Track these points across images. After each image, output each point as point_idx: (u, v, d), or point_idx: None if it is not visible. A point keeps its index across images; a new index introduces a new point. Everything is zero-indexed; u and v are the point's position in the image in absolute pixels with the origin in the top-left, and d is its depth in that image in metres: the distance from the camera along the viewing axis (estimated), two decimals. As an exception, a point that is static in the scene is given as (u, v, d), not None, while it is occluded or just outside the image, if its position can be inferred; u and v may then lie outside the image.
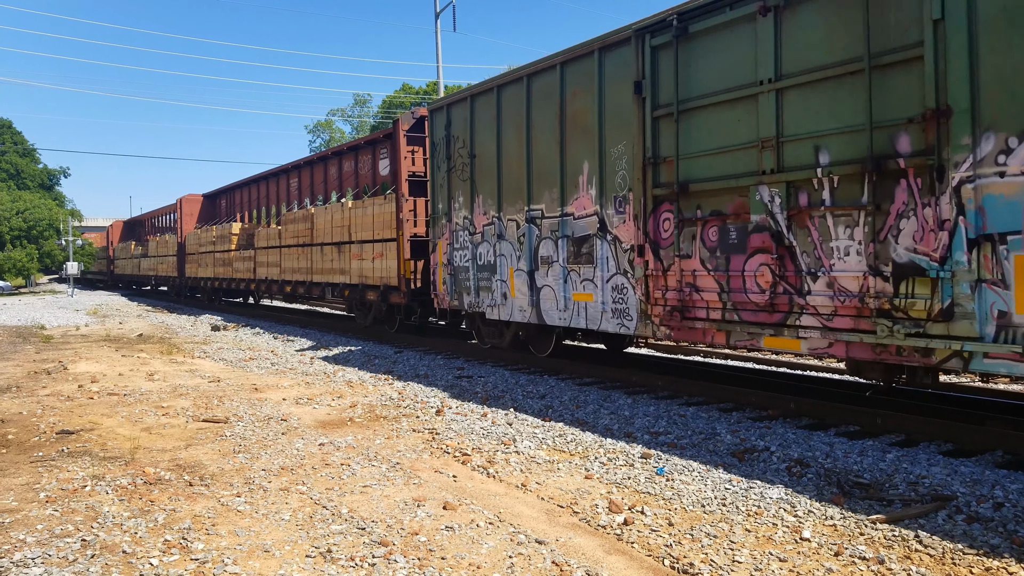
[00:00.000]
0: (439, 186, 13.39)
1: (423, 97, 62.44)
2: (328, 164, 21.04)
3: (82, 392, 10.63)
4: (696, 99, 8.50)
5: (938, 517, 5.19)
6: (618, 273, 9.57)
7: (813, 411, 8.22)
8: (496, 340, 12.90)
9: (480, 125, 12.23)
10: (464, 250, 12.70)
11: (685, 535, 5.01)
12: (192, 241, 30.62)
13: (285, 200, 23.98)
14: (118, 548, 4.88)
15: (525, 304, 11.21)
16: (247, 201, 27.85)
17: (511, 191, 11.51)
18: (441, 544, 4.90)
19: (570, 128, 10.33)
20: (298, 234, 20.64)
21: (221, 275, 27.24)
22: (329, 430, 8.20)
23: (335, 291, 18.87)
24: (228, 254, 26.27)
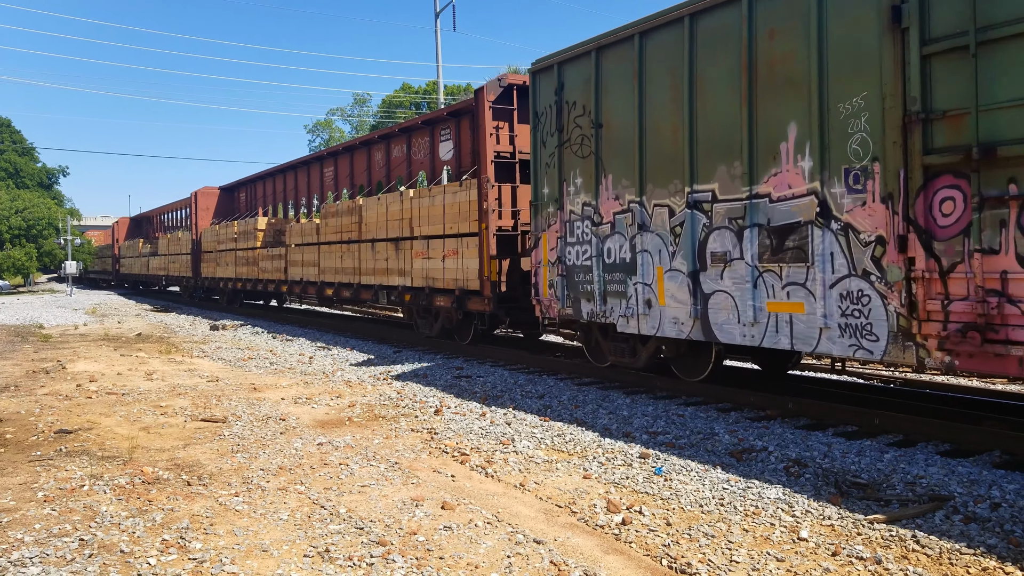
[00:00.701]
0: (544, 166, 11.00)
1: (423, 97, 62.43)
2: (373, 149, 18.76)
3: (80, 391, 10.62)
4: (1010, 23, 6.04)
5: (935, 517, 5.19)
6: (851, 275, 7.10)
7: (811, 411, 8.22)
8: (624, 358, 10.42)
9: (610, 85, 9.77)
10: (583, 245, 10.28)
11: (683, 535, 5.02)
12: (209, 238, 28.18)
13: (319, 192, 21.93)
14: (116, 548, 4.88)
15: (682, 315, 8.74)
16: (271, 194, 25.72)
17: (660, 168, 9.04)
18: (439, 544, 4.90)
19: (764, 80, 7.88)
20: (342, 229, 18.15)
21: (244, 275, 24.71)
22: (328, 430, 8.20)
23: (391, 295, 16.14)
24: (253, 252, 23.78)
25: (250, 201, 27.99)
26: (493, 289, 12.63)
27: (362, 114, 72.09)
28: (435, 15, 35.52)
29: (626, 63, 9.54)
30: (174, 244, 33.24)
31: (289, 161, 24.00)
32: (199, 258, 29.49)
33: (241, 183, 28.75)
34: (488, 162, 12.97)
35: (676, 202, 8.90)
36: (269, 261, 22.62)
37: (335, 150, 20.79)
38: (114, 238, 47.72)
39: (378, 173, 18.44)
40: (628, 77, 9.48)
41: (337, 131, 73.12)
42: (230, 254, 25.77)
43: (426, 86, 62.67)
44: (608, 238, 9.89)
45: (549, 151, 10.90)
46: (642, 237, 9.37)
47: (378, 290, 16.70)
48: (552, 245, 10.90)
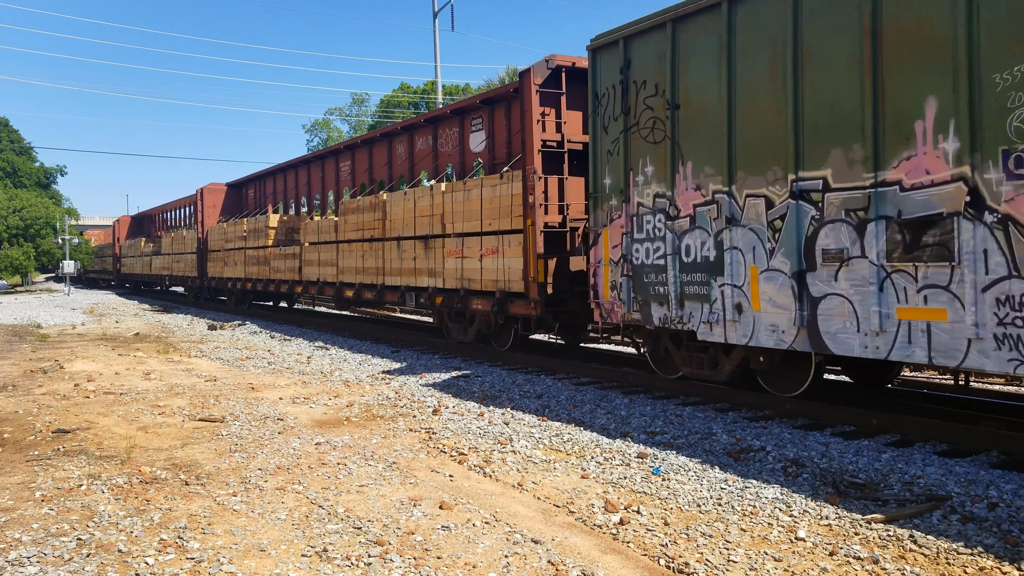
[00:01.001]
0: (605, 154, 9.87)
1: (421, 97, 62.39)
2: (394, 142, 17.60)
3: (78, 391, 10.62)
4: None
5: (933, 517, 5.20)
6: (1012, 277, 6.06)
7: (809, 411, 8.23)
8: (703, 370, 9.25)
9: (690, 61, 8.68)
10: (654, 242, 9.14)
11: (681, 535, 5.02)
12: (216, 236, 26.84)
13: (334, 188, 20.76)
14: (114, 547, 4.88)
15: (783, 321, 7.65)
16: (282, 190, 24.40)
17: (755, 153, 7.96)
18: (437, 543, 4.90)
19: (892, 48, 6.81)
20: (363, 226, 16.86)
21: (254, 275, 23.35)
22: (326, 429, 8.20)
23: (420, 297, 14.78)
24: (264, 251, 22.48)
25: (259, 198, 26.67)
26: (540, 291, 11.45)
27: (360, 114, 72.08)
28: (433, 15, 35.52)
29: (711, 35, 8.43)
30: (178, 243, 31.93)
31: (302, 156, 22.81)
32: (205, 257, 28.20)
33: (250, 179, 27.49)
34: (535, 152, 11.75)
35: (776, 191, 7.76)
36: (282, 260, 21.38)
37: (352, 143, 19.65)
38: (115, 237, 46.21)
39: (400, 167, 17.34)
40: (714, 50, 8.36)
41: (335, 131, 73.10)
42: (239, 253, 24.51)
43: (424, 86, 62.65)
44: (687, 234, 8.76)
45: (612, 137, 9.77)
46: (731, 232, 8.20)
47: (405, 292, 15.35)
48: (615, 242, 9.74)
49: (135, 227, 45.25)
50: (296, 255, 20.51)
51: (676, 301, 8.89)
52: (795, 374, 8.43)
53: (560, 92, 12.11)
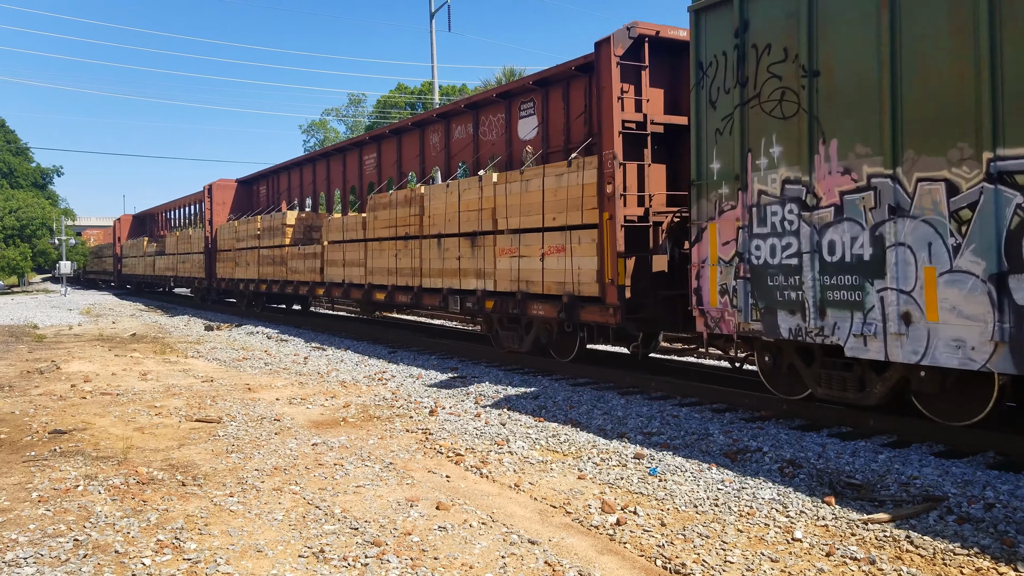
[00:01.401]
0: (713, 133, 8.46)
1: (418, 97, 62.40)
2: (427, 131, 15.97)
3: (75, 391, 10.60)
4: None
5: (929, 518, 5.21)
6: None
7: (806, 412, 8.24)
8: (845, 392, 7.75)
9: (836, 16, 7.23)
10: (784, 237, 7.70)
11: (677, 535, 5.02)
12: (226, 235, 25.01)
13: (357, 182, 19.19)
14: (110, 548, 4.87)
15: (973, 336, 6.18)
16: (298, 186, 22.84)
17: (932, 126, 6.51)
18: (434, 544, 4.90)
19: None
20: (396, 223, 15.09)
21: (269, 276, 21.61)
22: (322, 430, 8.20)
23: (466, 301, 12.97)
24: (280, 250, 20.69)
25: (272, 194, 24.99)
26: (620, 295, 9.85)
27: (357, 114, 72.04)
28: (430, 15, 35.52)
29: None
30: (184, 242, 30.06)
31: (320, 149, 22.25)
32: (214, 257, 26.29)
33: (262, 175, 25.83)
34: (614, 134, 10.05)
35: (963, 174, 6.33)
36: (300, 260, 19.63)
37: (379, 134, 18.05)
38: (115, 237, 44.26)
39: (434, 159, 15.75)
40: (868, 3, 6.98)
41: (332, 131, 73.07)
42: (251, 253, 22.75)
43: (421, 87, 62.65)
44: (830, 227, 7.27)
45: (722, 113, 8.34)
46: (896, 225, 6.74)
47: (447, 295, 13.46)
48: (726, 238, 8.31)
49: (137, 226, 43.55)
50: (317, 255, 18.76)
51: (815, 309, 7.37)
52: (970, 399, 7.01)
53: (642, 66, 10.44)
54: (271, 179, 25.17)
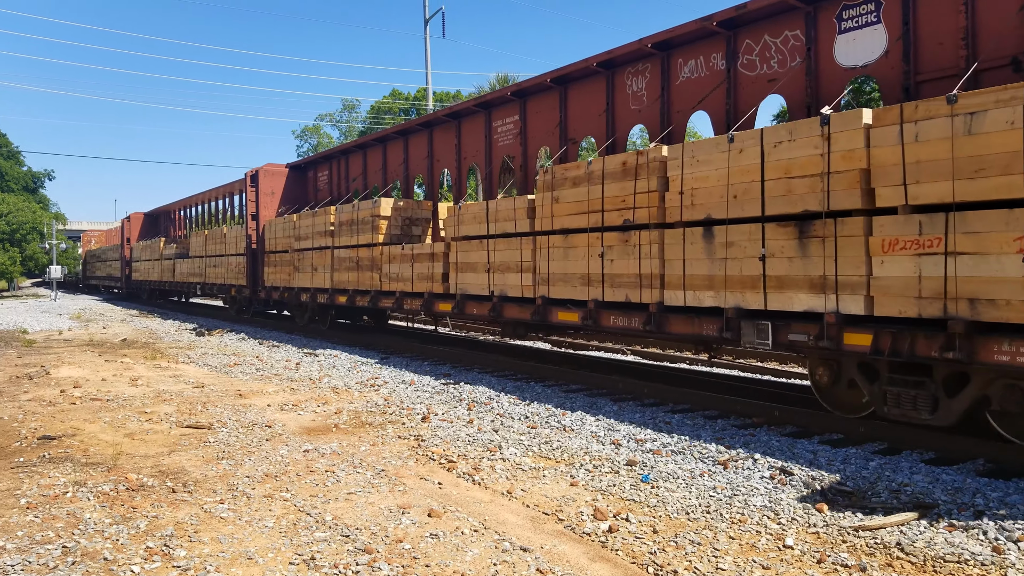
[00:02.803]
0: None
1: (412, 103, 62.49)
2: (624, 73, 11.81)
3: (64, 397, 10.54)
4: None
5: (920, 525, 5.22)
6: None
7: (797, 419, 8.26)
8: None
9: None
10: None
11: (669, 542, 5.02)
12: (279, 232, 20.19)
13: (485, 157, 15.00)
14: (99, 555, 4.84)
15: None
16: (380, 168, 18.95)
17: None
18: (426, 551, 4.89)
19: None
20: (604, 204, 9.95)
21: (348, 284, 16.66)
22: (314, 436, 8.17)
23: (787, 332, 7.83)
24: (369, 251, 15.78)
25: (338, 181, 20.80)
26: None
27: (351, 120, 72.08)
28: (424, 22, 35.61)
29: None
30: (215, 242, 24.94)
31: (413, 119, 17.80)
32: (261, 260, 21.35)
33: (323, 157, 21.64)
34: None
35: None
36: (405, 264, 14.65)
37: (522, 88, 13.78)
38: (124, 238, 38.73)
39: (634, 113, 11.52)
40: None
41: (325, 136, 73.06)
42: (321, 255, 17.84)
43: (416, 93, 62.75)
44: None
45: None
46: None
47: (735, 320, 8.31)
48: None
49: (149, 226, 38.62)
50: (436, 256, 13.75)
51: None
52: None
53: None
54: (337, 162, 20.91)
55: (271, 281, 20.78)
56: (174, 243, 31.21)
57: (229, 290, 23.86)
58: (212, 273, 25.32)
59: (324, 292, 17.87)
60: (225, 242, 24.03)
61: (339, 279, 17.18)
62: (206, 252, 25.95)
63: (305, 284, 18.77)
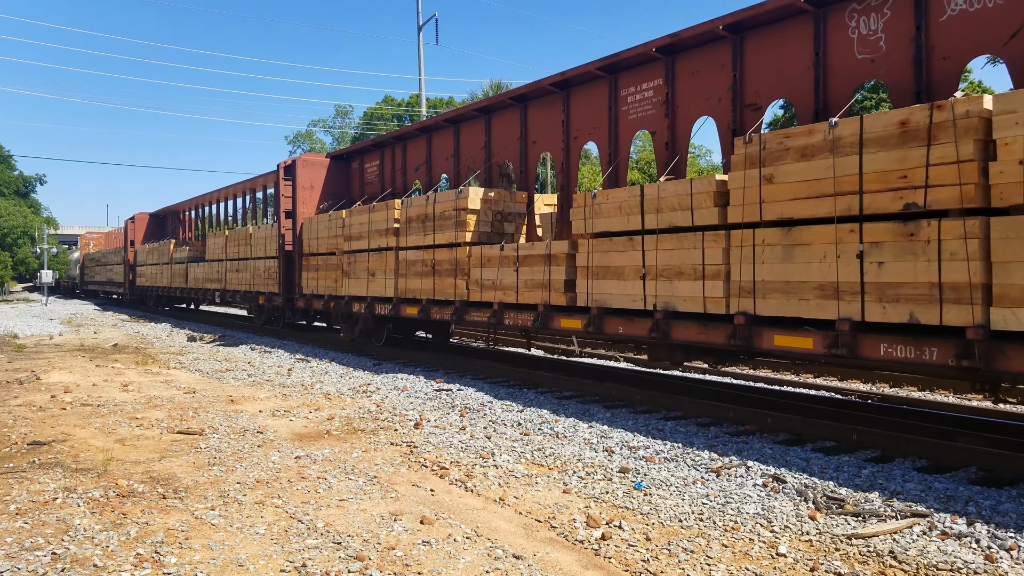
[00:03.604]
0: None
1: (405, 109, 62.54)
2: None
3: (55, 402, 10.48)
4: None
5: (913, 533, 5.23)
6: None
7: (790, 426, 8.26)
8: None
9: None
10: None
11: (662, 550, 5.01)
12: (322, 231, 17.31)
13: (610, 131, 11.77)
14: (89, 562, 4.80)
15: None
16: (451, 154, 15.41)
17: None
18: (418, 559, 4.87)
19: None
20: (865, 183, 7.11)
21: (420, 293, 13.66)
22: (306, 443, 8.14)
23: None
24: (452, 253, 12.81)
25: (393, 172, 17.61)
26: None
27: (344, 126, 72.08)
28: (418, 28, 35.65)
29: None
30: (238, 244, 22.19)
31: (500, 94, 14.28)
32: (297, 264, 18.70)
33: (375, 144, 18.20)
34: None
35: None
36: (506, 269, 11.64)
37: (637, 56, 10.99)
38: (127, 240, 35.87)
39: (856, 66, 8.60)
40: None
41: (318, 142, 73.05)
42: (380, 257, 14.95)
43: (409, 99, 62.80)
44: None
45: None
46: None
47: None
48: None
49: (155, 227, 35.90)
50: (552, 258, 10.84)
51: None
52: None
53: None
54: (389, 150, 17.73)
55: (311, 288, 17.87)
56: (186, 246, 28.57)
57: (256, 298, 20.82)
58: (234, 279, 22.62)
59: (385, 302, 14.94)
60: (251, 244, 21.14)
61: (407, 286, 14.17)
62: (226, 255, 23.28)
63: (358, 292, 15.77)
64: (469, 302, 12.58)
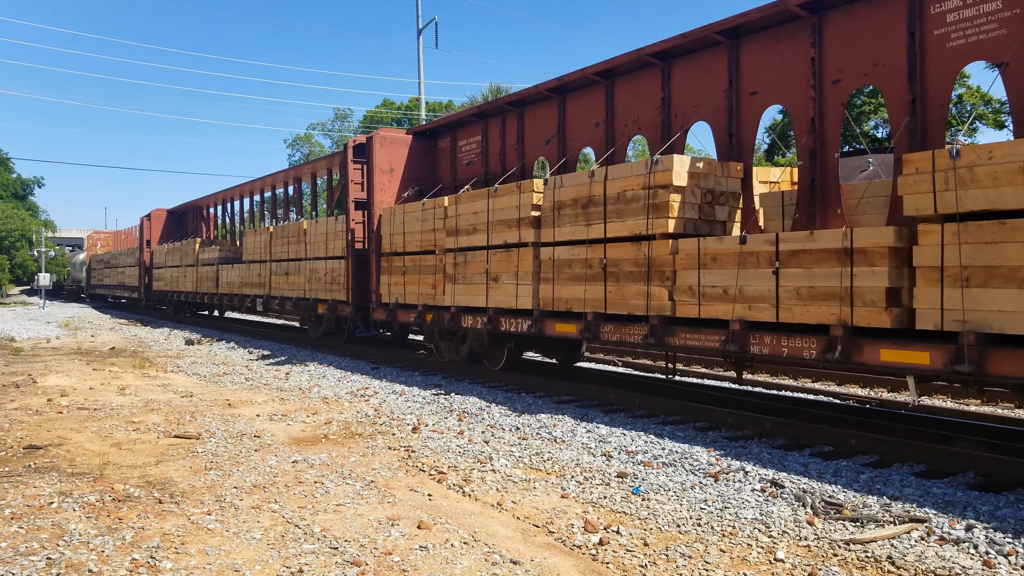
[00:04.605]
0: None
1: (405, 113, 62.57)
2: None
3: (51, 406, 10.45)
4: None
5: (911, 538, 5.21)
6: None
7: (788, 431, 8.25)
8: None
9: None
10: None
11: (660, 555, 5.00)
12: (409, 225, 13.90)
13: None
14: (84, 567, 4.78)
15: None
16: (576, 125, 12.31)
17: None
18: (415, 564, 4.85)
19: None
20: None
21: (583, 304, 10.16)
22: (303, 447, 8.12)
23: None
24: (640, 249, 9.33)
25: (503, 149, 13.85)
26: None
27: (343, 129, 72.09)
28: (417, 32, 35.68)
29: None
30: (288, 242, 18.90)
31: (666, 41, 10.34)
32: (375, 265, 15.16)
33: (477, 114, 14.47)
34: None
35: None
36: (750, 272, 8.20)
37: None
38: (143, 240, 32.46)
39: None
40: None
41: (317, 145, 73.06)
42: (508, 256, 11.50)
43: (408, 103, 62.85)
44: None
45: None
46: None
47: None
48: None
49: (172, 226, 32.58)
50: (855, 254, 7.27)
51: None
52: None
53: None
54: (501, 120, 13.91)
55: (395, 295, 14.32)
56: (215, 245, 25.42)
57: (313, 306, 17.43)
58: (282, 283, 19.17)
59: (516, 316, 11.32)
60: (306, 242, 17.85)
61: (556, 295, 10.54)
62: (272, 255, 19.90)
63: (472, 301, 12.17)
64: (674, 318, 9.05)
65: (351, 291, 15.69)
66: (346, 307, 15.90)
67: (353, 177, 15.58)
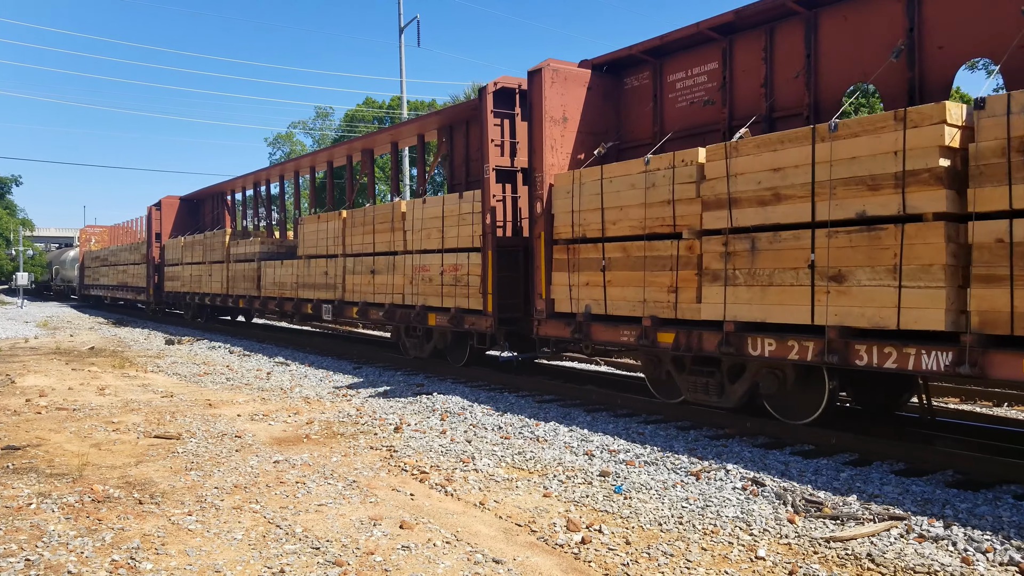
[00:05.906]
0: None
1: (387, 112, 62.39)
2: None
3: (29, 406, 10.34)
4: None
5: (890, 536, 5.26)
6: None
7: (769, 430, 8.30)
8: None
9: None
10: None
11: (642, 554, 5.02)
12: (610, 197, 9.35)
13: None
14: (63, 568, 4.74)
15: None
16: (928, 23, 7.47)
17: None
18: (397, 564, 4.84)
19: None
20: None
21: None
22: (284, 447, 8.08)
23: None
24: None
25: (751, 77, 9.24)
26: None
27: (324, 127, 71.80)
28: (399, 30, 35.61)
29: None
30: (373, 229, 14.55)
31: None
32: (543, 256, 10.43)
33: (693, 39, 9.77)
34: None
35: None
36: None
37: None
38: (151, 233, 27.78)
39: None
40: None
41: (298, 144, 72.71)
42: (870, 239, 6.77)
43: (390, 101, 62.68)
44: None
45: None
46: None
47: None
48: None
49: (186, 216, 28.04)
50: None
51: None
52: None
53: None
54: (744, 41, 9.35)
55: (586, 301, 9.75)
56: (255, 237, 21.29)
57: (422, 316, 12.98)
58: (364, 285, 14.78)
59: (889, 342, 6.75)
60: (405, 228, 13.53)
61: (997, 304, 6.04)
62: (344, 249, 15.52)
63: (771, 315, 7.64)
64: None
65: (492, 296, 11.23)
66: (482, 319, 11.53)
67: (493, 136, 11.56)
